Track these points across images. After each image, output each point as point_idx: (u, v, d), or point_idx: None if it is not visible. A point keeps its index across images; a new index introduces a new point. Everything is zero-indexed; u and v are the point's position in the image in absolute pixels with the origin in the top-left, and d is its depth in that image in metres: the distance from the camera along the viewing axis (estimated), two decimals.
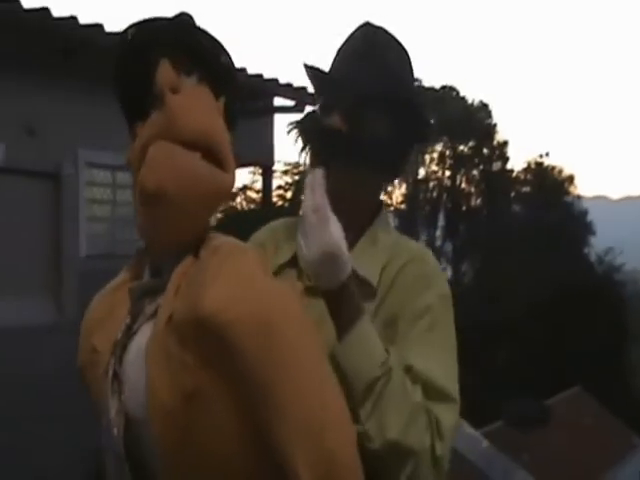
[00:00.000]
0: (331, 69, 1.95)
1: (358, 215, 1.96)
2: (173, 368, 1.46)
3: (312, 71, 1.96)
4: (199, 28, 1.65)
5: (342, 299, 1.68)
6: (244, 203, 31.77)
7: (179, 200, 1.50)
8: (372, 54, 1.91)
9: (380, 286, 1.86)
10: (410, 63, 1.98)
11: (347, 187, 1.88)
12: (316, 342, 1.52)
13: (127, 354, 1.57)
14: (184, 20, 1.64)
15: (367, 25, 1.97)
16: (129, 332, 1.59)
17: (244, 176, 30.41)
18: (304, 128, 1.93)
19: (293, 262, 1.93)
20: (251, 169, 25.86)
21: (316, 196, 1.68)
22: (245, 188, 29.89)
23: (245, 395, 1.46)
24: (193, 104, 1.53)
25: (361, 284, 1.83)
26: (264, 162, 11.73)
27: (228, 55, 1.69)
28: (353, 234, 1.92)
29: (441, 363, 1.79)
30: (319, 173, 1.70)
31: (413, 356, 1.75)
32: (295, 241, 1.88)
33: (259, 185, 18.51)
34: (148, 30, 1.63)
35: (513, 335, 27.60)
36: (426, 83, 36.37)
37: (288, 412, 1.44)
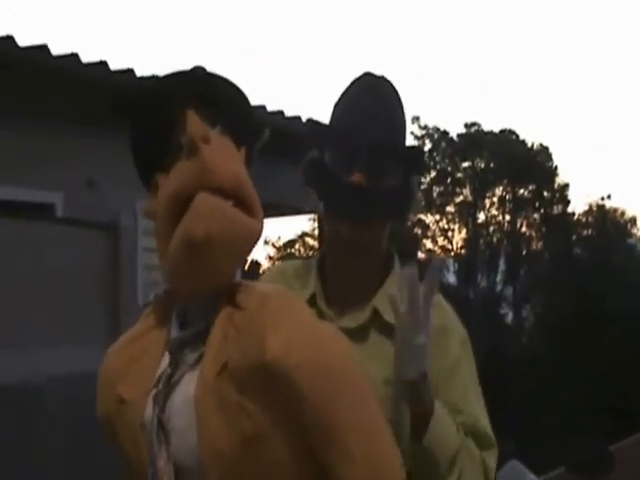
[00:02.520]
0: (337, 120, 2.00)
1: (377, 263, 2.00)
2: (229, 414, 1.49)
3: (320, 126, 2.02)
4: (219, 77, 1.69)
5: (425, 387, 1.78)
6: (302, 250, 31.86)
7: (223, 248, 1.54)
8: (380, 106, 1.96)
9: None
10: (404, 110, 2.04)
11: (368, 238, 1.94)
12: (368, 382, 1.58)
13: (171, 403, 1.58)
14: (202, 72, 1.68)
15: (369, 75, 2.02)
16: (170, 382, 1.60)
17: (303, 223, 30.57)
18: (323, 186, 1.99)
19: (311, 303, 1.98)
20: (311, 216, 26.01)
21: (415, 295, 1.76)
22: (303, 235, 29.99)
23: (307, 437, 1.50)
24: (223, 154, 1.58)
25: (390, 330, 1.89)
26: (320, 209, 11.76)
27: (248, 103, 1.74)
28: (375, 282, 1.97)
29: (482, 412, 1.95)
30: (414, 274, 1.77)
31: (461, 414, 1.89)
32: (307, 282, 2.04)
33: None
34: (169, 83, 1.67)
35: (576, 380, 27.15)
36: (485, 127, 36.29)
37: (353, 454, 1.49)
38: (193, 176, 1.54)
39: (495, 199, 35.95)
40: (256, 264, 32.13)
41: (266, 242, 35.40)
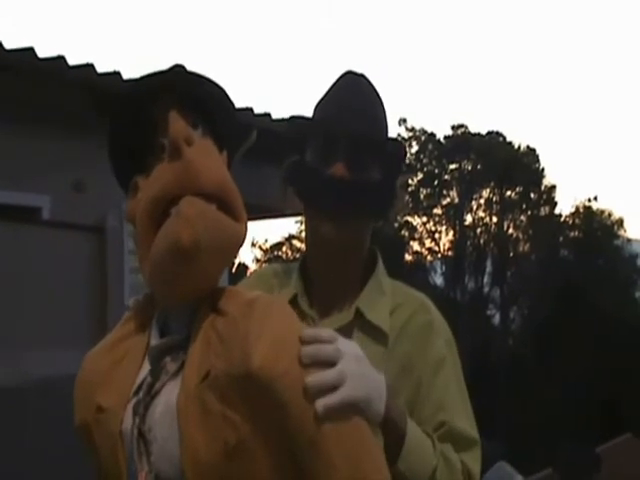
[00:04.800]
0: (318, 118, 1.98)
1: (359, 262, 1.99)
2: (212, 424, 1.47)
3: (302, 121, 2.00)
4: (201, 77, 1.66)
5: (389, 418, 1.66)
6: (289, 252, 31.77)
7: (209, 253, 1.51)
8: (359, 100, 1.95)
9: (390, 332, 1.91)
10: (384, 107, 2.03)
11: (350, 234, 1.91)
12: None
13: (152, 413, 1.54)
14: (184, 71, 1.65)
15: (350, 73, 2.02)
16: (151, 391, 1.56)
17: (291, 226, 30.49)
18: (303, 182, 1.95)
19: (292, 303, 1.93)
20: (298, 218, 26.00)
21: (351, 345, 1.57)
22: (291, 237, 29.90)
23: (290, 447, 1.48)
24: (206, 157, 1.55)
25: (374, 330, 1.90)
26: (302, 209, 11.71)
27: (231, 104, 1.71)
28: (359, 280, 1.96)
29: (465, 412, 1.93)
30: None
31: (442, 412, 1.87)
32: (288, 283, 2.00)
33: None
34: (151, 82, 1.64)
35: (563, 381, 27.21)
36: (472, 129, 36.35)
37: (337, 464, 1.47)
38: (175, 179, 1.51)
39: (482, 201, 36.00)
40: (243, 267, 32.04)
41: (253, 244, 35.31)
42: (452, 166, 35.96)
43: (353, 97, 1.95)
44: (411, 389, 1.87)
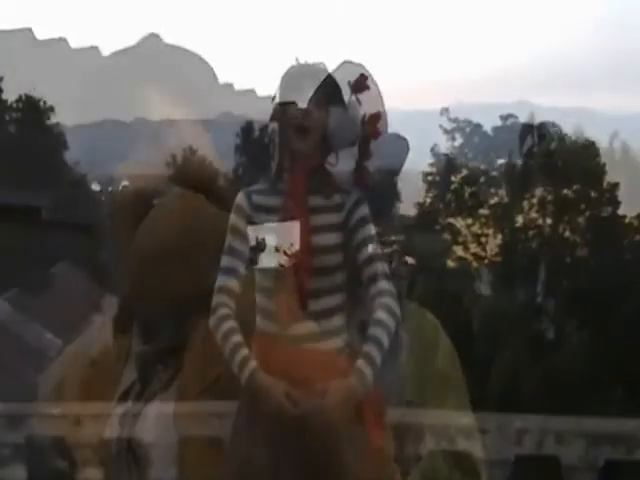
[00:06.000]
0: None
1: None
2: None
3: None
4: (188, 53, 1.69)
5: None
6: None
7: (201, 247, 1.55)
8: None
9: None
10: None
11: None
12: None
13: (142, 423, 1.57)
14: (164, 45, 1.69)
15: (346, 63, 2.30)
16: (140, 399, 1.58)
17: None
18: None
19: None
20: None
21: None
22: None
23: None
24: (195, 144, 1.59)
25: None
26: None
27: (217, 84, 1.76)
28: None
29: (471, 432, 2.12)
30: None
31: (457, 437, 2.06)
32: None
33: None
34: (131, 59, 1.67)
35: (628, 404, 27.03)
36: (522, 119, 36.18)
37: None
38: (160, 168, 1.53)
39: (535, 200, 35.77)
40: None
41: None
42: (500, 161, 35.81)
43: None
44: (416, 395, 2.07)
